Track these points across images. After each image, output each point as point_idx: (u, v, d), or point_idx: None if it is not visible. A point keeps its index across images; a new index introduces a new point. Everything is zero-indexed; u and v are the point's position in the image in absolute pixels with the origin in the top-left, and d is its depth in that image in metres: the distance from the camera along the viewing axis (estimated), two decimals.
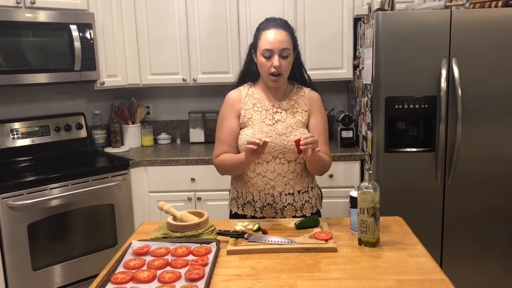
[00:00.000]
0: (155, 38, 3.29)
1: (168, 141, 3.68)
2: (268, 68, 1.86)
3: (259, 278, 1.40)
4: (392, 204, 2.58)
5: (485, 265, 2.83)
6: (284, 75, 1.90)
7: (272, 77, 1.88)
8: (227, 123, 1.97)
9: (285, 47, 1.85)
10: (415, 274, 1.41)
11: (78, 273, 2.82)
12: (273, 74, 1.87)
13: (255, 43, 1.92)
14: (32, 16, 2.76)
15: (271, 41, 1.84)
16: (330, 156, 1.99)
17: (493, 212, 2.78)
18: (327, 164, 1.96)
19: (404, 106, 2.71)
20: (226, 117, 1.98)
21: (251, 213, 1.98)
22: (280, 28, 1.86)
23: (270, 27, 1.87)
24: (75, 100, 3.46)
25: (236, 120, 1.96)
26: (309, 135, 1.71)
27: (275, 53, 1.84)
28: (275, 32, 1.85)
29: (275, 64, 1.84)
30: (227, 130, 1.96)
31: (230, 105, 1.98)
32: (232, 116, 1.97)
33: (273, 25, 1.87)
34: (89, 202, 2.84)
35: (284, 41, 1.84)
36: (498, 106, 2.69)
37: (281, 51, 1.84)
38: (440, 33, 2.64)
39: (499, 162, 2.74)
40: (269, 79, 1.89)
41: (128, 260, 1.51)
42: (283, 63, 1.86)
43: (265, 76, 1.91)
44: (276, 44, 1.83)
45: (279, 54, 1.84)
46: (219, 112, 2.02)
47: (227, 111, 1.99)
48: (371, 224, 1.57)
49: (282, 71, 1.87)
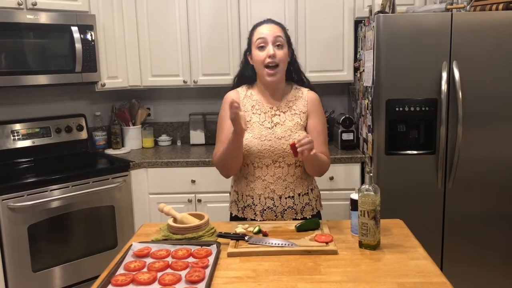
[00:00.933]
0: (156, 40, 3.29)
1: (169, 142, 3.68)
2: (264, 60, 1.85)
3: (260, 281, 1.40)
4: (392, 207, 2.58)
5: (485, 268, 2.83)
6: (280, 67, 1.88)
7: (268, 70, 1.86)
8: (227, 124, 1.94)
9: (278, 34, 1.88)
10: (416, 277, 1.40)
11: (78, 275, 2.82)
12: (269, 65, 1.85)
13: (249, 43, 1.95)
14: (33, 18, 2.77)
15: (264, 31, 1.88)
16: (329, 157, 1.97)
17: (494, 214, 2.78)
18: (325, 164, 1.94)
19: (405, 108, 2.71)
20: (225, 119, 1.95)
21: (251, 216, 1.98)
22: (272, 23, 1.93)
23: (262, 23, 1.93)
24: (76, 102, 3.46)
25: None
26: (303, 136, 1.70)
27: (269, 41, 1.86)
28: (267, 25, 1.91)
29: (270, 53, 1.84)
30: (228, 131, 1.94)
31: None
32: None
33: (265, 21, 1.94)
34: (89, 204, 2.84)
35: (277, 31, 1.89)
36: (498, 109, 2.69)
37: (274, 39, 1.86)
38: (440, 36, 2.64)
39: (499, 164, 2.74)
40: (265, 73, 1.87)
41: (129, 262, 1.51)
42: (278, 52, 1.86)
43: (261, 73, 1.89)
44: (269, 33, 1.87)
45: (273, 43, 1.86)
46: (219, 114, 2.01)
47: (226, 112, 1.96)
48: (371, 226, 1.57)
49: (278, 61, 1.86)
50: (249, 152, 1.90)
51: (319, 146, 1.89)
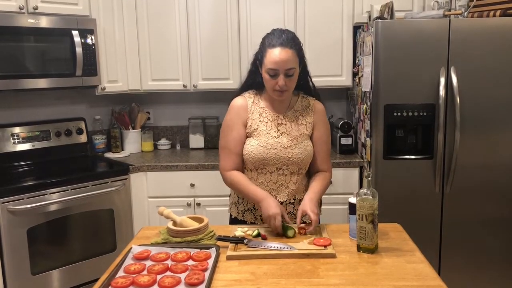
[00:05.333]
0: (156, 44, 3.31)
1: (168, 146, 3.69)
2: (273, 86, 1.84)
3: (259, 284, 1.41)
4: (390, 211, 2.59)
5: (482, 272, 2.84)
6: (289, 91, 1.89)
7: (277, 92, 1.86)
8: (234, 132, 1.93)
9: (290, 67, 1.80)
10: (413, 280, 1.42)
11: (77, 278, 2.82)
12: (277, 91, 1.85)
13: (260, 57, 1.86)
14: (34, 22, 2.78)
15: (277, 61, 1.78)
16: (329, 170, 2.04)
17: (491, 219, 2.79)
18: (327, 185, 2.02)
19: (403, 113, 2.73)
20: (233, 126, 1.93)
21: (251, 220, 1.99)
22: (286, 46, 1.79)
23: (276, 45, 1.79)
24: (76, 105, 3.47)
25: (243, 128, 1.93)
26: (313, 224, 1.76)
27: (280, 72, 1.80)
28: (280, 52, 1.78)
29: (280, 84, 1.81)
30: (235, 140, 1.92)
31: (236, 112, 1.95)
32: (239, 124, 1.93)
33: (279, 42, 1.79)
34: (88, 207, 2.84)
35: (290, 61, 1.79)
36: (496, 114, 2.71)
37: (286, 71, 1.80)
38: (438, 42, 2.67)
39: (497, 169, 2.75)
40: (274, 94, 1.88)
41: (129, 264, 1.51)
42: (288, 81, 1.83)
43: (270, 91, 1.89)
44: (281, 64, 1.78)
45: (284, 74, 1.81)
46: (224, 120, 1.98)
47: (233, 119, 1.94)
48: (369, 230, 1.59)
49: (287, 89, 1.85)
50: (254, 159, 1.90)
51: (322, 156, 1.97)
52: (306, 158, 1.93)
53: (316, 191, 1.91)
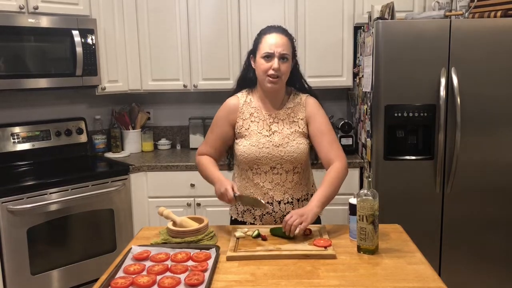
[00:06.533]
0: (156, 44, 3.31)
1: (168, 146, 3.69)
2: (267, 70, 1.85)
3: (259, 285, 1.41)
4: (391, 212, 2.59)
5: (483, 273, 2.84)
6: (282, 79, 1.89)
7: (270, 78, 1.86)
8: (218, 130, 2.00)
9: (285, 52, 1.86)
10: (414, 281, 1.41)
11: (77, 278, 2.82)
12: (271, 76, 1.86)
13: (255, 47, 1.92)
14: (34, 22, 2.78)
15: (272, 43, 1.85)
16: (339, 157, 1.89)
17: (492, 220, 2.79)
18: (341, 178, 1.88)
19: (404, 114, 2.73)
20: (219, 125, 2.00)
21: (251, 221, 1.99)
22: (281, 33, 1.89)
23: (271, 32, 1.89)
24: (76, 105, 3.47)
25: (229, 128, 1.98)
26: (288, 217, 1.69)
27: (275, 56, 1.84)
28: (276, 36, 1.87)
29: (274, 66, 1.84)
30: (216, 136, 2.00)
31: (226, 113, 1.98)
32: (225, 125, 1.98)
33: (275, 30, 1.90)
34: (88, 207, 2.84)
35: (285, 46, 1.86)
36: (497, 114, 2.71)
37: (281, 55, 1.85)
38: (439, 42, 2.66)
39: (498, 170, 2.75)
40: (266, 80, 1.87)
41: (128, 265, 1.51)
42: (282, 66, 1.86)
43: (262, 79, 1.89)
44: (277, 48, 1.84)
45: (278, 58, 1.85)
46: (215, 115, 2.03)
47: (221, 118, 1.99)
48: (370, 231, 1.58)
49: (280, 74, 1.87)
50: (247, 159, 1.91)
51: (328, 145, 1.89)
52: (300, 156, 1.92)
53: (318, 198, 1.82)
